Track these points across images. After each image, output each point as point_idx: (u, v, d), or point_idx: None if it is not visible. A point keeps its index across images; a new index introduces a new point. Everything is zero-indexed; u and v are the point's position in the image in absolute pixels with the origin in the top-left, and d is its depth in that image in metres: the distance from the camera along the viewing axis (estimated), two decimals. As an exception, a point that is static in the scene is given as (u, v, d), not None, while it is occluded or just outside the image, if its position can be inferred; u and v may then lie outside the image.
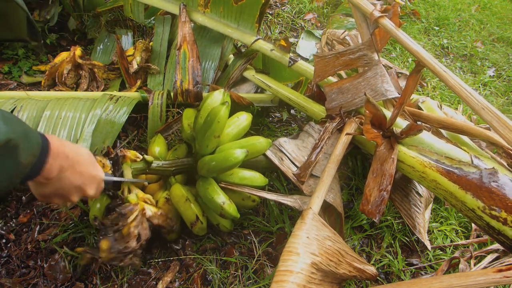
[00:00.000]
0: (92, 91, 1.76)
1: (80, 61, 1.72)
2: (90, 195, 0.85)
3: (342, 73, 1.72)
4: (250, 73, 1.65)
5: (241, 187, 1.17)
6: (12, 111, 1.41)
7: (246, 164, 1.21)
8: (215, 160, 1.10)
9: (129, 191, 1.06)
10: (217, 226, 1.24)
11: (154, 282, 1.17)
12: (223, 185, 1.16)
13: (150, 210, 1.05)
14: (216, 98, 1.25)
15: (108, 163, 1.07)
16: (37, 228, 1.29)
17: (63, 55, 1.75)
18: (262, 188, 1.21)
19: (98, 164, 0.90)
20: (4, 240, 1.25)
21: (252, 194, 1.16)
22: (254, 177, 1.20)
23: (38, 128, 1.39)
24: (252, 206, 1.27)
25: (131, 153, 1.13)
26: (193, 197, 1.19)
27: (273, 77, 1.65)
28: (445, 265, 1.20)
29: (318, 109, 1.44)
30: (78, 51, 1.74)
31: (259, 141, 1.22)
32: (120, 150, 1.11)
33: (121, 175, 1.07)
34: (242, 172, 1.20)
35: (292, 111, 1.82)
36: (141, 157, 1.17)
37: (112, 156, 1.07)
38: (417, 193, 1.37)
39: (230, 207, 1.13)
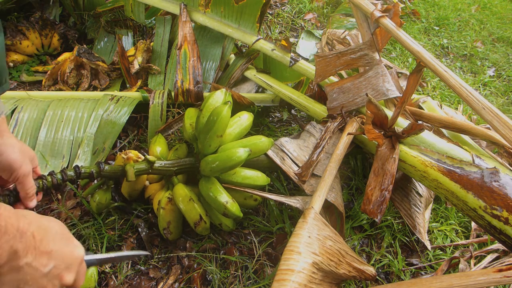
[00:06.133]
0: (96, 87, 1.76)
1: (84, 60, 1.72)
2: (68, 283, 0.60)
3: (343, 73, 1.72)
4: (251, 73, 1.66)
5: (243, 186, 1.17)
6: (13, 112, 1.41)
7: (248, 163, 1.21)
8: (218, 159, 1.10)
9: None
10: (220, 226, 1.24)
11: (154, 283, 1.17)
12: (226, 185, 1.16)
13: None
14: (218, 98, 1.25)
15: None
16: (38, 228, 1.29)
17: (66, 55, 1.76)
18: (264, 187, 1.21)
19: (74, 238, 0.64)
20: (5, 240, 1.25)
21: (255, 194, 1.16)
22: (257, 176, 1.20)
23: (40, 130, 1.38)
24: (254, 205, 1.27)
25: (133, 154, 1.13)
26: (196, 197, 1.19)
27: (274, 77, 1.65)
28: (445, 265, 1.20)
29: (319, 109, 1.44)
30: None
31: (261, 140, 1.22)
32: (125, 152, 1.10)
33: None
34: (244, 171, 1.20)
35: (293, 111, 1.82)
36: (142, 157, 1.17)
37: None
38: (417, 193, 1.37)
39: (233, 206, 1.13)
